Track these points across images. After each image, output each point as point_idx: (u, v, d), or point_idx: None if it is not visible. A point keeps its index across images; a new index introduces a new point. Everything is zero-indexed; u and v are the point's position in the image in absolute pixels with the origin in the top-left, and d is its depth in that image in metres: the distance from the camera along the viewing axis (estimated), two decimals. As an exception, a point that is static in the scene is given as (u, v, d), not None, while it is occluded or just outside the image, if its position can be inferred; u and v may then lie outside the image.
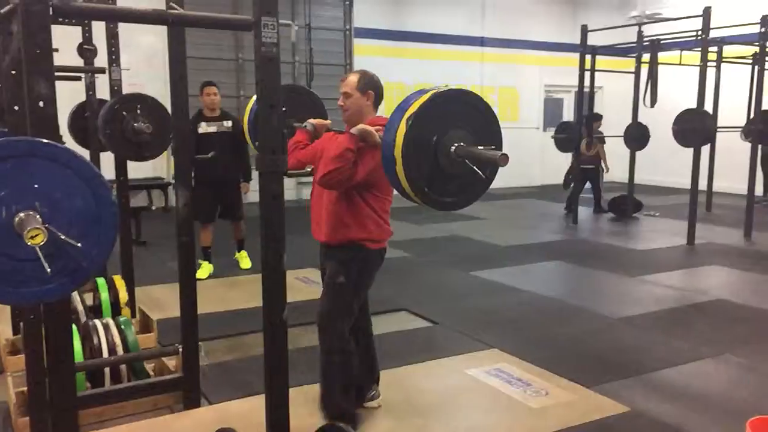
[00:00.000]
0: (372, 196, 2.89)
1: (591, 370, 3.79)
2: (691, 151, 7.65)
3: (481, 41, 12.64)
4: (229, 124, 5.91)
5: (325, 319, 2.97)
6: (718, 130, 8.75)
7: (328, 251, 3.02)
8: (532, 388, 3.54)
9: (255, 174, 2.17)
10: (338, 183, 2.76)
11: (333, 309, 2.96)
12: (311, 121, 3.17)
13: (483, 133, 2.16)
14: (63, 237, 1.61)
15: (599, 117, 9.58)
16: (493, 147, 2.15)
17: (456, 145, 2.10)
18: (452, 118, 2.12)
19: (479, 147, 2.11)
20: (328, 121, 3.20)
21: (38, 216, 1.58)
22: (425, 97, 2.11)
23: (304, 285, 5.61)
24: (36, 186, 1.60)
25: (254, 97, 3.26)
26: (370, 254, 2.95)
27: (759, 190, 8.07)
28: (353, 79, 2.93)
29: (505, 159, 2.02)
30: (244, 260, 6.20)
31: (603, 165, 9.58)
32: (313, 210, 3.07)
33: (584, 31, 8.91)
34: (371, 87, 2.94)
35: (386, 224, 2.98)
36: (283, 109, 3.21)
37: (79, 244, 1.63)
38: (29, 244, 1.53)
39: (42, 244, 1.55)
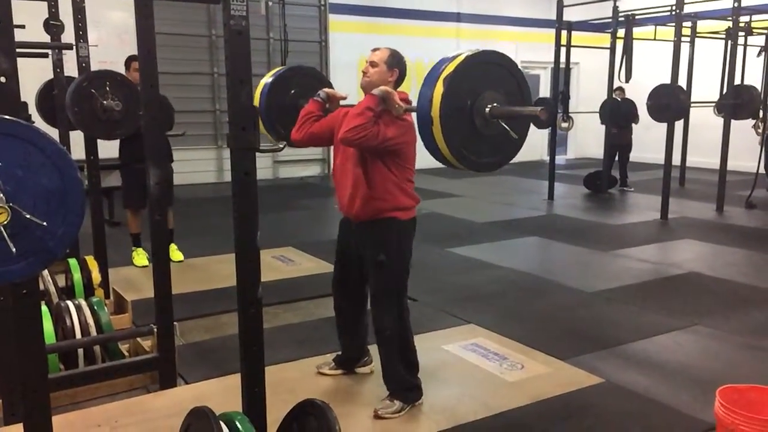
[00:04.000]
0: (395, 164, 2.89)
1: (566, 344, 3.84)
2: (664, 126, 7.72)
3: (457, 17, 12.57)
4: None
5: (376, 299, 3.01)
6: (692, 105, 8.84)
7: (359, 227, 3.02)
8: (508, 361, 3.57)
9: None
10: (361, 140, 2.72)
11: (380, 289, 2.99)
12: (325, 90, 3.09)
13: (514, 94, 2.24)
14: (28, 216, 1.57)
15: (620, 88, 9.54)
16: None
17: (491, 105, 2.16)
18: (486, 80, 2.19)
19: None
20: (344, 94, 3.10)
21: (1, 194, 1.54)
22: (460, 58, 2.16)
23: (282, 264, 5.59)
24: (-2, 164, 1.56)
25: (264, 80, 3.20)
26: (402, 225, 2.97)
27: (733, 165, 8.19)
28: (384, 53, 2.95)
29: (544, 112, 2.12)
30: (175, 253, 5.58)
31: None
32: (338, 185, 3.05)
33: (560, 6, 8.91)
34: (398, 66, 2.95)
35: (413, 191, 3.00)
36: (292, 91, 3.21)
37: (45, 223, 1.60)
38: (-8, 223, 1.49)
39: (5, 223, 1.51)
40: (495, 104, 2.17)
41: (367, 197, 2.91)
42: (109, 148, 5.59)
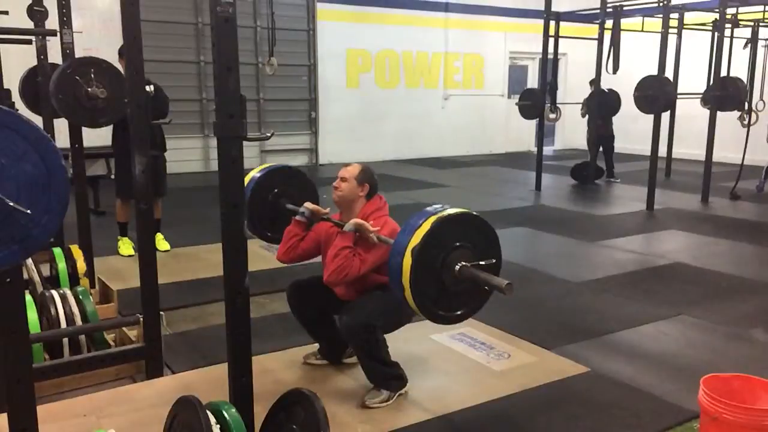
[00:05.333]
0: (382, 271, 2.89)
1: (552, 333, 3.87)
2: (651, 117, 7.75)
3: (446, 7, 12.53)
4: (151, 88, 5.00)
5: (351, 311, 2.93)
6: (679, 96, 8.88)
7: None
8: (494, 351, 3.59)
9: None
10: (345, 278, 2.87)
11: (361, 305, 2.93)
12: (308, 206, 3.12)
13: (483, 245, 2.37)
14: (11, 204, 1.55)
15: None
16: (494, 260, 2.36)
17: (460, 265, 2.28)
18: (453, 239, 2.31)
19: (481, 262, 2.30)
20: (326, 210, 3.14)
21: (-17, 182, 1.52)
22: (427, 225, 2.27)
23: (269, 253, 5.56)
24: (-20, 151, 1.53)
25: (251, 174, 3.24)
26: None
27: (719, 156, 8.25)
28: (355, 169, 3.07)
29: (510, 289, 2.16)
30: (162, 243, 5.59)
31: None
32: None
33: (549, -4, 8.90)
34: (369, 180, 3.07)
35: None
36: (275, 190, 3.23)
37: (28, 211, 1.57)
38: (-26, 211, 1.47)
39: (-12, 211, 1.49)
40: (464, 263, 2.28)
41: (358, 288, 3.03)
42: (94, 137, 5.54)
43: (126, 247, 5.48)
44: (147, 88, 5.32)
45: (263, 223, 3.30)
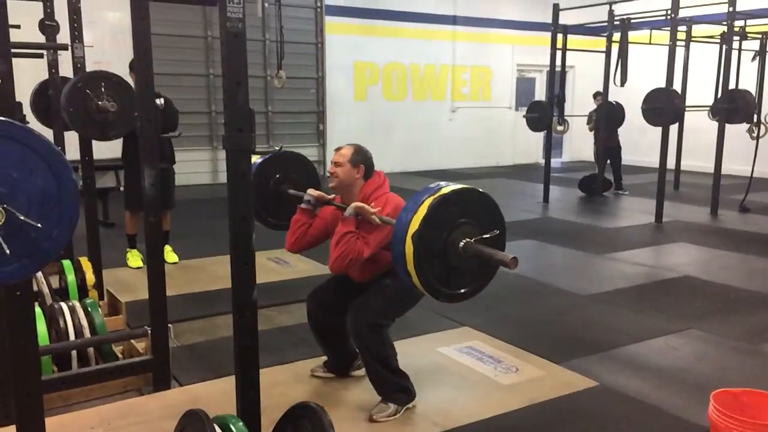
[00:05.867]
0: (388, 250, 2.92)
1: (560, 347, 3.85)
2: (659, 130, 7.74)
3: (453, 20, 12.58)
4: (161, 101, 5.08)
5: (358, 309, 2.96)
6: (687, 109, 8.86)
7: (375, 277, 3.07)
8: (502, 365, 3.57)
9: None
10: (350, 264, 2.86)
11: (369, 302, 2.96)
12: (311, 192, 3.14)
13: (484, 218, 2.30)
14: (22, 217, 1.56)
15: (600, 93, 9.57)
16: (497, 232, 2.28)
17: (464, 242, 2.22)
18: (454, 217, 2.24)
19: (485, 236, 2.24)
20: (330, 196, 3.16)
21: (-5, 196, 1.53)
22: (423, 208, 2.21)
23: (277, 265, 5.58)
24: (-7, 165, 1.55)
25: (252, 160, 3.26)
26: None
27: (727, 169, 8.22)
28: (348, 151, 3.03)
29: (515, 262, 2.11)
30: (170, 255, 5.63)
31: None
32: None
33: (556, 10, 8.93)
34: (363, 161, 3.03)
35: None
36: (277, 176, 3.24)
37: (39, 225, 1.59)
38: (-14, 224, 1.49)
39: (0, 224, 1.50)
40: (468, 239, 2.22)
41: (376, 270, 3.02)
42: (104, 149, 5.58)
43: (135, 259, 5.51)
44: (157, 101, 5.35)
45: (266, 210, 3.30)
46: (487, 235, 2.25)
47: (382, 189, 3.03)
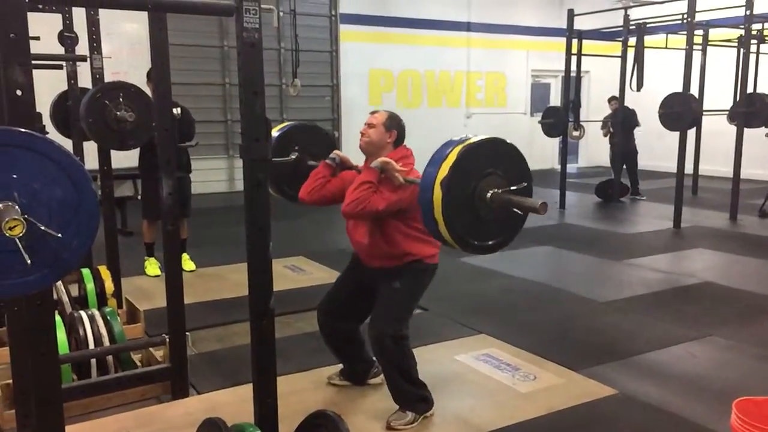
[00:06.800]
0: (405, 221, 2.92)
1: (579, 354, 3.81)
2: (677, 134, 7.68)
3: (468, 26, 12.58)
4: (178, 111, 5.00)
5: (375, 319, 2.98)
6: (704, 113, 8.79)
7: (383, 271, 3.03)
8: (520, 372, 3.55)
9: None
10: (360, 212, 2.83)
11: (383, 310, 2.97)
12: (338, 153, 3.14)
13: (512, 171, 2.28)
14: (43, 228, 1.58)
15: (615, 98, 9.54)
16: (524, 184, 2.27)
17: (491, 192, 2.21)
18: (481, 167, 2.23)
19: (512, 187, 2.23)
20: (355, 164, 3.15)
21: (17, 207, 1.54)
22: (453, 155, 2.20)
23: (293, 273, 5.59)
24: (14, 176, 1.56)
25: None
26: (424, 265, 3.01)
27: (746, 173, 8.13)
28: (383, 115, 3.05)
29: (544, 207, 2.11)
30: (188, 263, 5.63)
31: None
32: (355, 244, 3.10)
33: (571, 15, 8.90)
34: (396, 127, 3.04)
35: (429, 240, 2.91)
36: (296, 147, 3.24)
37: (59, 235, 1.60)
38: (8, 235, 1.50)
39: (21, 235, 1.52)
40: (495, 190, 2.21)
41: (387, 254, 2.97)
42: (121, 158, 5.63)
43: (152, 267, 5.55)
44: (174, 110, 5.38)
45: (285, 181, 3.26)
46: (515, 187, 2.24)
47: (409, 159, 3.00)
